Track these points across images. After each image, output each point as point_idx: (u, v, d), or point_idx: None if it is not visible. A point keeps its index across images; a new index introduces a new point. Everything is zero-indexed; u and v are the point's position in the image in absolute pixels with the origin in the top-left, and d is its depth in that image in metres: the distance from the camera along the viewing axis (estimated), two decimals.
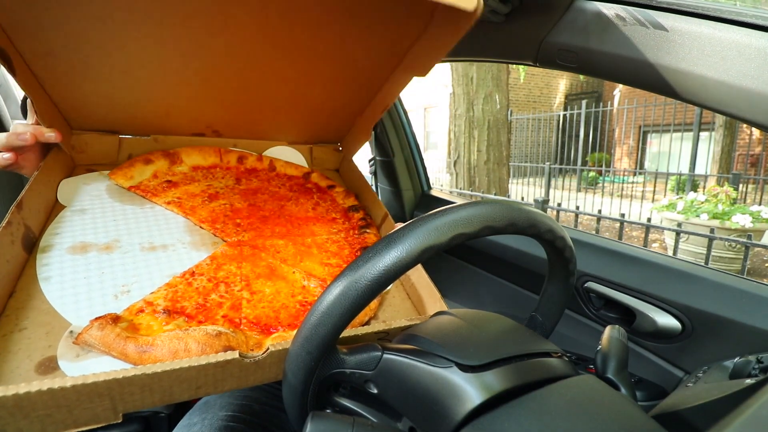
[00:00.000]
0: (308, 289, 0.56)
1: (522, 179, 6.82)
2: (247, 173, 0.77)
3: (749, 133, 7.06)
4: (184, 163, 0.72)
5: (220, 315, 0.48)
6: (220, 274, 0.54)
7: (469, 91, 4.40)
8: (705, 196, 4.00)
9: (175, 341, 0.40)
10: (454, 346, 0.37)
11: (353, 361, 0.38)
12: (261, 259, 0.59)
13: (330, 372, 0.38)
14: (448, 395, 0.34)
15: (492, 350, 0.37)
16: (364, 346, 0.39)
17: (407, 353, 0.37)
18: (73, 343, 0.40)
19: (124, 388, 0.35)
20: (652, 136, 8.86)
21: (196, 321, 0.46)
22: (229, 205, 0.67)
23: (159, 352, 0.39)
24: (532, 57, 0.68)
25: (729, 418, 0.29)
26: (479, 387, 0.33)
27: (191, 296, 0.50)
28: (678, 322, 0.68)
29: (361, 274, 0.32)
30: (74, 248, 0.52)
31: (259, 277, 0.55)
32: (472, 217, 0.33)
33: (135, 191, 0.64)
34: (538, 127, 9.29)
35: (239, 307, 0.50)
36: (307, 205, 0.74)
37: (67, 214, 0.57)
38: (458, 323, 0.42)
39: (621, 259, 0.79)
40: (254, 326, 0.48)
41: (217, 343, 0.41)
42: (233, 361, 0.39)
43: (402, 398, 0.37)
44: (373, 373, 0.38)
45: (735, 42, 0.44)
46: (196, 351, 0.40)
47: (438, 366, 0.35)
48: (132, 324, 0.44)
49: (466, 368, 0.35)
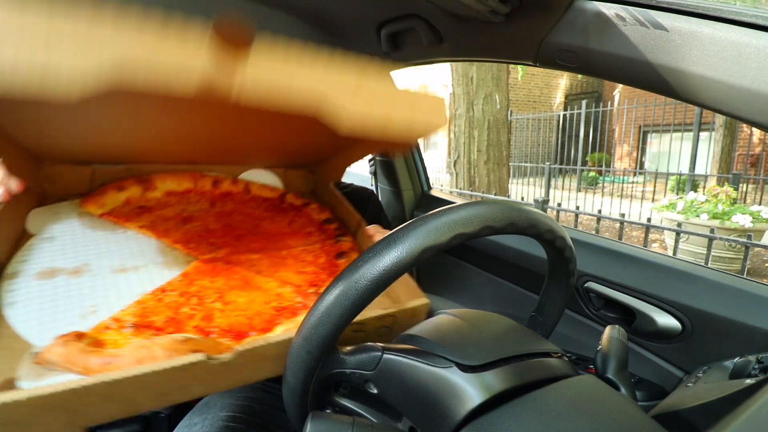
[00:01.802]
0: (283, 295, 0.54)
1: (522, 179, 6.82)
2: (222, 197, 0.76)
3: (749, 133, 7.05)
4: (158, 189, 0.70)
5: (191, 326, 0.46)
6: (192, 288, 0.52)
7: (469, 91, 4.40)
8: (705, 196, 4.00)
9: (141, 350, 0.37)
10: (454, 346, 0.37)
11: (353, 361, 0.38)
12: (235, 273, 0.57)
13: (330, 372, 0.38)
14: (448, 395, 0.34)
15: (492, 350, 0.37)
16: (364, 346, 0.39)
17: (407, 353, 0.37)
18: (34, 363, 0.38)
19: (82, 400, 0.33)
20: (652, 136, 8.85)
21: (165, 333, 0.44)
22: (203, 226, 0.65)
23: (123, 362, 0.36)
24: (532, 57, 0.68)
25: (729, 418, 0.29)
26: (479, 387, 0.33)
27: (161, 311, 0.47)
28: (678, 322, 0.68)
29: (361, 274, 0.32)
30: (42, 273, 0.50)
31: (233, 289, 0.53)
32: (472, 217, 0.33)
33: (107, 218, 0.62)
34: (538, 127, 9.28)
35: (211, 317, 0.48)
36: (283, 222, 0.73)
37: (36, 242, 0.55)
38: (458, 323, 0.42)
39: (621, 259, 0.79)
40: (226, 333, 0.46)
41: (184, 347, 0.38)
42: (199, 364, 0.36)
43: (402, 398, 0.37)
44: (373, 373, 0.38)
45: (735, 42, 0.44)
46: (163, 357, 0.37)
47: (438, 366, 0.35)
48: (97, 340, 0.41)
49: (466, 368, 0.35)
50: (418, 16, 0.81)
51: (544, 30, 0.62)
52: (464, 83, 4.41)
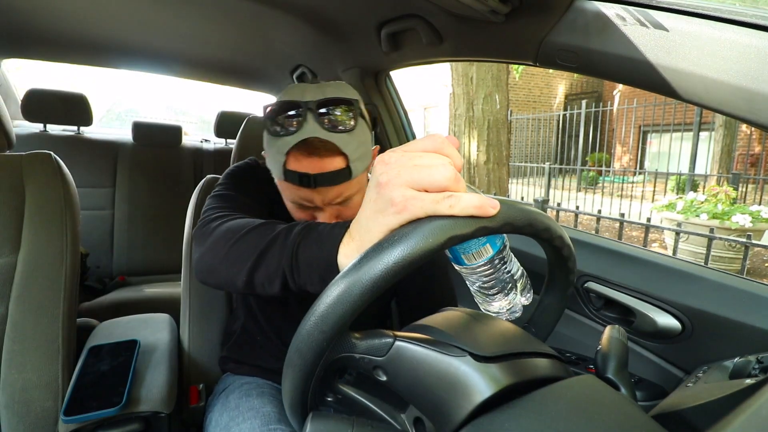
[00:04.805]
0: None
1: (522, 179, 6.81)
2: None
3: (749, 133, 7.05)
4: None
5: None
6: None
7: (469, 91, 4.40)
8: (705, 195, 4.00)
9: None
10: (467, 336, 0.37)
11: (364, 345, 0.37)
12: None
13: (339, 355, 0.37)
14: (460, 384, 0.34)
15: (505, 343, 0.37)
16: (375, 332, 0.38)
17: (420, 341, 0.37)
18: None
19: None
20: (652, 136, 8.86)
21: None
22: None
23: None
24: (532, 57, 0.68)
25: (729, 418, 0.29)
26: (491, 378, 0.34)
27: None
28: (678, 322, 0.68)
29: (384, 255, 0.32)
30: None
31: None
32: (466, 218, 0.33)
33: None
34: (538, 127, 9.28)
35: None
36: None
37: None
38: (467, 318, 0.42)
39: (621, 259, 0.79)
40: None
41: None
42: None
43: (411, 386, 0.36)
44: (384, 359, 0.37)
45: (735, 42, 0.44)
46: None
47: (452, 355, 0.35)
48: None
49: (480, 358, 0.35)
50: (418, 16, 0.81)
51: (544, 30, 0.62)
52: (464, 83, 4.41)
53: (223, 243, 0.54)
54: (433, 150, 0.36)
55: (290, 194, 0.66)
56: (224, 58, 1.48)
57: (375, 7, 0.86)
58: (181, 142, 2.02)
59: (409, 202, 0.33)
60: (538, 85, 10.94)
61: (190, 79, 1.80)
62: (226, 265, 0.53)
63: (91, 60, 1.54)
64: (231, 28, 1.16)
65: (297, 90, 0.63)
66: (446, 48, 0.85)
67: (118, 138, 1.93)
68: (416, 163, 0.34)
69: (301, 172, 0.61)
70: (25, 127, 1.80)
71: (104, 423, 0.64)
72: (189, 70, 1.69)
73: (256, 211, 0.67)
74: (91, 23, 1.16)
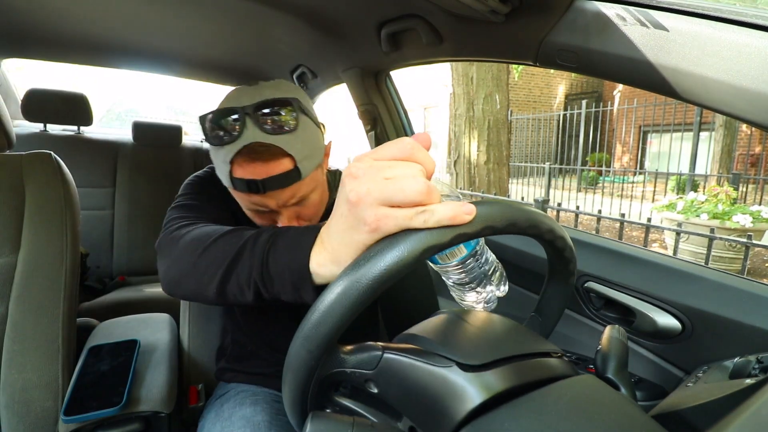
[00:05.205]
0: None
1: (522, 179, 6.81)
2: None
3: (749, 133, 7.05)
4: None
5: None
6: None
7: (469, 91, 4.40)
8: (705, 196, 4.00)
9: None
10: (454, 345, 0.37)
11: (353, 360, 0.38)
12: None
13: (330, 371, 0.38)
14: (448, 394, 0.34)
15: (493, 350, 0.37)
16: (364, 345, 0.39)
17: (407, 353, 0.37)
18: None
19: None
20: (652, 136, 8.85)
21: None
22: None
23: None
24: (532, 57, 0.68)
25: (729, 418, 0.29)
26: (480, 386, 0.33)
27: None
28: (678, 322, 0.68)
29: (362, 273, 0.32)
30: None
31: None
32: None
33: None
34: (538, 127, 9.28)
35: None
36: None
37: None
38: (459, 322, 0.42)
39: (621, 259, 0.79)
40: None
41: None
42: None
43: (402, 397, 0.37)
44: (374, 373, 0.38)
45: (735, 42, 0.44)
46: None
47: (438, 365, 0.35)
48: None
49: (466, 368, 0.35)
50: (418, 16, 0.81)
51: (544, 30, 0.62)
52: (464, 83, 4.41)
53: (189, 253, 0.52)
54: (402, 157, 0.34)
55: (244, 202, 0.64)
56: (224, 58, 1.48)
57: (375, 7, 0.86)
58: (181, 142, 2.02)
59: (382, 221, 0.32)
60: (538, 85, 10.94)
61: (190, 79, 1.80)
62: (195, 276, 0.51)
63: (91, 60, 1.54)
64: (231, 28, 1.16)
65: (234, 95, 0.62)
66: (446, 48, 0.85)
67: (118, 138, 1.93)
68: (386, 175, 0.32)
69: (248, 178, 0.59)
70: (25, 127, 1.80)
71: (104, 423, 0.64)
72: (189, 70, 1.68)
73: (221, 218, 0.64)
74: (91, 23, 1.16)
